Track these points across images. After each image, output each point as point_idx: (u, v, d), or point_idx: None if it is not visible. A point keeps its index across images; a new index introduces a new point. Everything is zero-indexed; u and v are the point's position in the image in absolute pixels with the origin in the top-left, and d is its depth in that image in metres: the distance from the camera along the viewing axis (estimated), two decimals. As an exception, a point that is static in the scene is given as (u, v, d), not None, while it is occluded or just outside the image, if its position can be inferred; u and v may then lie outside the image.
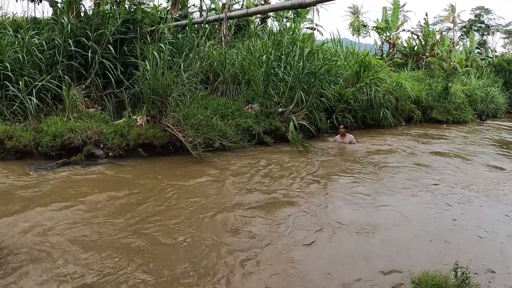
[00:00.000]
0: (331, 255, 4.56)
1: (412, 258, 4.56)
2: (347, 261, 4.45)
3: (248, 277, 4.00)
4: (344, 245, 4.84)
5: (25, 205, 5.53)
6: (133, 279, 3.84)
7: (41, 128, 8.48)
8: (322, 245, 4.79)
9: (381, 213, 5.91)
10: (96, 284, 3.74)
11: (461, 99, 18.84)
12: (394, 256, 4.60)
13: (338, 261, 4.43)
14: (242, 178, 7.25)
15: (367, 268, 4.29)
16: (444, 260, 4.44)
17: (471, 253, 4.76)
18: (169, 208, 5.70)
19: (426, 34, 25.24)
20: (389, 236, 5.10)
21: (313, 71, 11.26)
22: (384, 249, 4.76)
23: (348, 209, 6.05)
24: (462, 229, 5.47)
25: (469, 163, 9.48)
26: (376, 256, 4.57)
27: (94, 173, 7.30)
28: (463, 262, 4.12)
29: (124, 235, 4.72)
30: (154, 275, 3.93)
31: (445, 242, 4.99)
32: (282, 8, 12.96)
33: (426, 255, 4.66)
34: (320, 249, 4.70)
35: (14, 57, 9.59)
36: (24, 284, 3.67)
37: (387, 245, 4.86)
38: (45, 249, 4.30)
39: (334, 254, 4.60)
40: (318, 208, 5.98)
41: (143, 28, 11.02)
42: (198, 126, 8.68)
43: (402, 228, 5.40)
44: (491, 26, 50.01)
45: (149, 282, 3.81)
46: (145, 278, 3.87)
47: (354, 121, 13.06)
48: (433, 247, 4.88)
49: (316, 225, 5.32)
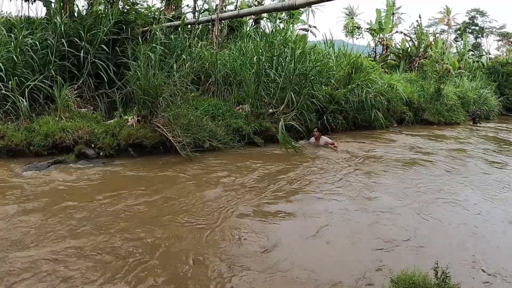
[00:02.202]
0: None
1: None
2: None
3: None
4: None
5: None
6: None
7: (33, 128, 8.57)
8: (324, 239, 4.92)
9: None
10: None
11: (453, 101, 18.97)
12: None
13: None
14: (229, 178, 7.33)
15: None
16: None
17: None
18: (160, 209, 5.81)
19: (419, 36, 25.39)
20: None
21: (304, 72, 11.36)
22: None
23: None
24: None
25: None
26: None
27: (86, 173, 7.36)
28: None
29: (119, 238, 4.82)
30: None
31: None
32: (273, 10, 13.06)
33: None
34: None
35: (7, 57, 9.66)
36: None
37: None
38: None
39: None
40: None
41: (135, 29, 11.10)
42: (188, 127, 8.78)
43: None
44: (485, 29, 50.31)
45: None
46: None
47: (345, 122, 13.18)
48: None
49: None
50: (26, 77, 9.58)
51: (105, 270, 4.01)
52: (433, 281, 3.71)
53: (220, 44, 12.66)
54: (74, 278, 3.87)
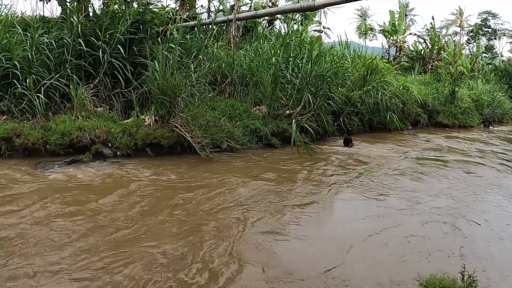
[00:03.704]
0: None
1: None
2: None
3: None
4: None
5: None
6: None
7: (50, 126, 8.51)
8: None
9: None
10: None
11: (468, 104, 18.80)
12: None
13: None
14: (248, 178, 7.25)
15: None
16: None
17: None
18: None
19: (432, 38, 25.20)
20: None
21: (321, 74, 11.25)
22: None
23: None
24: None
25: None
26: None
27: (105, 172, 7.30)
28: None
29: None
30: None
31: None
32: (291, 11, 12.98)
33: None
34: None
35: (23, 55, 9.64)
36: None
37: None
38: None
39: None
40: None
41: (153, 29, 11.04)
42: (206, 127, 8.70)
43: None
44: (497, 31, 49.93)
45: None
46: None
47: (361, 124, 13.07)
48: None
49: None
50: (42, 75, 9.56)
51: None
52: (459, 284, 3.65)
53: (237, 44, 12.57)
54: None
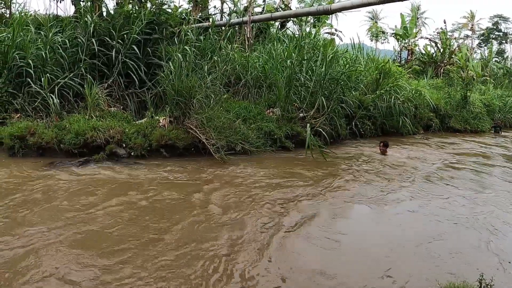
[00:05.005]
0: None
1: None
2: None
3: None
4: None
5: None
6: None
7: (63, 126, 8.49)
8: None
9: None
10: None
11: (479, 109, 18.62)
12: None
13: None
14: (264, 182, 7.15)
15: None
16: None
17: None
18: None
19: (444, 41, 25.02)
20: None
21: (335, 77, 11.17)
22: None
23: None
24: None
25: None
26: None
27: (122, 172, 7.26)
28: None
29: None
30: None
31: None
32: (307, 14, 12.89)
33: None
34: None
35: (36, 54, 9.63)
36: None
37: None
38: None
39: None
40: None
41: (167, 29, 11.01)
42: (221, 129, 8.64)
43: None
44: (508, 34, 49.60)
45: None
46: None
47: (373, 128, 12.95)
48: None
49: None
50: (56, 74, 9.58)
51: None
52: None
53: (251, 46, 12.52)
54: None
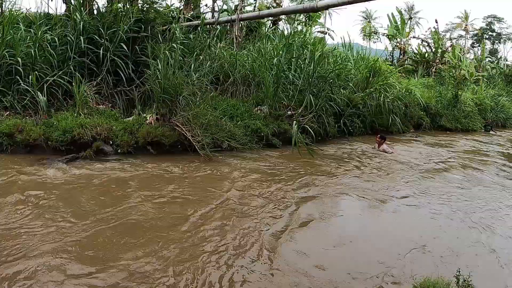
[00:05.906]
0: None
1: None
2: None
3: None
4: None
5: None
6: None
7: (51, 123, 8.51)
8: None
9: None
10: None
11: (471, 108, 18.76)
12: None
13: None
14: (248, 179, 7.23)
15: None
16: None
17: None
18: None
19: (436, 41, 25.12)
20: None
21: (323, 75, 11.24)
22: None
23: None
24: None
25: None
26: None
27: (106, 169, 7.32)
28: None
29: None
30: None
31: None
32: (294, 12, 12.99)
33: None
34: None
35: (26, 52, 9.65)
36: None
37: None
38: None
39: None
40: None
41: (155, 28, 11.04)
42: (207, 126, 8.70)
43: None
44: (502, 35, 49.79)
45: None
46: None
47: (362, 126, 13.05)
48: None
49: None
50: (45, 72, 9.56)
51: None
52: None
53: (240, 44, 12.58)
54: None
